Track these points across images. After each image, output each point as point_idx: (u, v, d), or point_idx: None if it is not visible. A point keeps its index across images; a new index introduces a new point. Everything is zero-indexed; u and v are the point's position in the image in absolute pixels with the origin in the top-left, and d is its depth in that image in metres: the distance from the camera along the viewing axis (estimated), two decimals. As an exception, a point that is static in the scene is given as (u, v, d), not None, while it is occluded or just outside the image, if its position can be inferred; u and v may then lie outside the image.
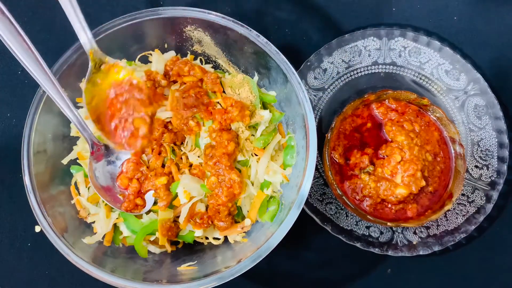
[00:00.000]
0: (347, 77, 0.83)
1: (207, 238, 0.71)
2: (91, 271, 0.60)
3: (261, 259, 0.60)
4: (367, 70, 0.83)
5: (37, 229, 0.77)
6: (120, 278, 0.60)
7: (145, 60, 0.75)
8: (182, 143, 0.72)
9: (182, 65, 0.72)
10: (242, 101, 0.70)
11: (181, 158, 0.71)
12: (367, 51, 0.82)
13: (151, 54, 0.74)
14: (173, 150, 0.70)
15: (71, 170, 0.71)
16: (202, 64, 0.77)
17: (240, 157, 0.70)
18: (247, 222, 0.69)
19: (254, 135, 0.72)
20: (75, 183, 0.71)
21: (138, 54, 0.74)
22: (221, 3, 0.87)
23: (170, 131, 0.70)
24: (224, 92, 0.72)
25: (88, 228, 0.69)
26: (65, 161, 0.70)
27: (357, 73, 0.83)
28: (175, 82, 0.73)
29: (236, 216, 0.71)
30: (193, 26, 0.71)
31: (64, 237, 0.62)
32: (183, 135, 0.71)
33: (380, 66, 0.83)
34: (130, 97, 0.62)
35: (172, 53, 0.75)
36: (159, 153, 0.70)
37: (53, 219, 0.63)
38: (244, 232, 0.70)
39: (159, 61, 0.72)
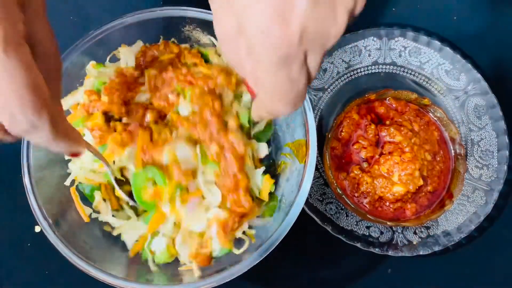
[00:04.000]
0: (347, 77, 0.83)
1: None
2: (91, 271, 0.60)
3: (261, 259, 0.60)
4: (367, 70, 0.83)
5: (37, 229, 0.77)
6: (120, 278, 0.60)
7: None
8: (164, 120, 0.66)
9: (155, 49, 0.68)
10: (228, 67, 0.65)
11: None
12: (367, 51, 0.82)
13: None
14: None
15: (69, 169, 0.69)
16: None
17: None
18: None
19: (239, 105, 0.67)
20: (77, 186, 0.69)
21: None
22: (221, 3, 0.87)
23: (153, 109, 0.65)
24: (207, 62, 0.68)
25: (88, 228, 0.69)
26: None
27: (357, 73, 0.83)
28: None
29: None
30: (191, 25, 0.71)
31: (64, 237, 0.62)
32: (165, 113, 0.66)
33: (380, 66, 0.83)
34: None
35: (139, 44, 0.71)
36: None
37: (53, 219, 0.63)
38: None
39: (127, 54, 0.68)
